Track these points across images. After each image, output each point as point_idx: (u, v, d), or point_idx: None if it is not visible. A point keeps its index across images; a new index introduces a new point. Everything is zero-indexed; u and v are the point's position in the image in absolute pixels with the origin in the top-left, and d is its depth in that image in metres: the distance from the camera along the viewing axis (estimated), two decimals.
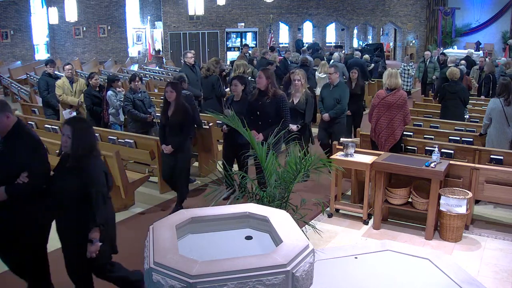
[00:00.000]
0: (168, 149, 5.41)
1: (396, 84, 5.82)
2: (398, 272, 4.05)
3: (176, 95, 5.35)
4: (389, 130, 5.84)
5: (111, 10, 21.37)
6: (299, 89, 6.30)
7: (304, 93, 6.29)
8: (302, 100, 6.27)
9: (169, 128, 5.42)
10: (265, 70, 5.48)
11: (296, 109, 6.23)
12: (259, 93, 5.40)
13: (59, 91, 7.72)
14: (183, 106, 5.43)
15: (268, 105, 5.29)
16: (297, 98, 6.32)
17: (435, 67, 12.32)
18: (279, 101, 5.30)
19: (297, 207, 3.86)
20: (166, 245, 2.64)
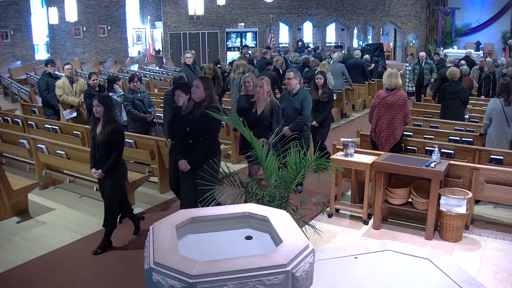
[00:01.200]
0: (99, 173, 4.61)
1: (396, 84, 5.82)
2: (398, 272, 4.05)
3: (104, 110, 4.55)
4: (389, 130, 5.84)
5: (111, 10, 21.38)
6: (261, 97, 5.46)
7: (269, 102, 5.43)
8: (267, 110, 5.40)
9: (98, 149, 4.63)
10: (205, 79, 4.65)
11: (261, 121, 5.45)
12: (194, 105, 4.58)
13: (59, 91, 7.72)
14: (113, 123, 4.57)
15: (199, 120, 4.47)
16: (261, 108, 5.47)
17: (432, 69, 11.63)
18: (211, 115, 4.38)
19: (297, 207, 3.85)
20: (166, 245, 2.64)
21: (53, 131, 7.53)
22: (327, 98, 6.94)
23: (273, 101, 5.47)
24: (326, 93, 6.97)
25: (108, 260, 4.59)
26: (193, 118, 4.51)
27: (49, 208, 5.86)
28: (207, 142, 4.51)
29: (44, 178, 6.49)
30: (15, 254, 4.66)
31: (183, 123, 4.58)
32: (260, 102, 5.50)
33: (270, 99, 5.47)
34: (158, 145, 6.21)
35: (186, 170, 4.50)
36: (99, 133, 4.55)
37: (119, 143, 4.64)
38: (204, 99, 4.49)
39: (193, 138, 4.53)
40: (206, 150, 4.48)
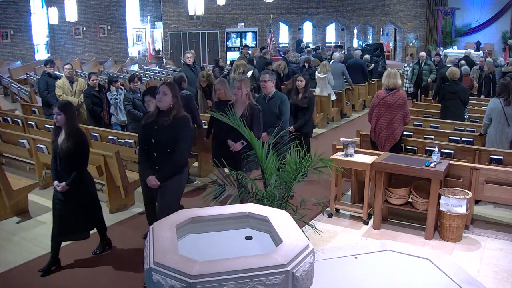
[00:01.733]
0: (62, 186, 4.20)
1: (395, 84, 5.82)
2: (398, 272, 4.05)
3: (66, 119, 4.18)
4: (389, 130, 5.84)
5: (111, 10, 21.38)
6: (239, 99, 5.14)
7: (248, 105, 5.10)
8: (246, 114, 5.05)
9: (61, 160, 4.25)
10: (172, 85, 4.20)
11: None
12: (159, 113, 4.11)
13: (59, 91, 7.72)
14: (76, 133, 4.25)
15: (167, 130, 4.02)
16: (240, 111, 5.07)
17: (431, 70, 11.45)
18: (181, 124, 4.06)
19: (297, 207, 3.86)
20: (166, 245, 2.64)
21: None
22: (307, 103, 6.45)
23: (252, 104, 5.13)
24: (307, 98, 6.47)
25: (108, 260, 4.59)
26: (159, 128, 4.03)
27: (49, 208, 5.84)
28: (177, 154, 4.03)
29: (44, 178, 6.49)
30: (15, 254, 4.66)
31: (146, 134, 4.12)
32: (238, 105, 5.13)
33: (249, 102, 5.12)
34: None
35: (156, 186, 4.05)
36: (61, 143, 4.16)
37: (84, 154, 4.28)
38: (172, 107, 4.05)
39: (159, 151, 4.04)
40: (175, 162, 4.05)
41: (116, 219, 5.55)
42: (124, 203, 5.83)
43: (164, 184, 4.05)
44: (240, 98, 5.13)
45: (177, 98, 4.12)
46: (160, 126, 4.04)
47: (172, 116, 4.03)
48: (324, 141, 8.73)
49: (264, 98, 5.76)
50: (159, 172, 4.02)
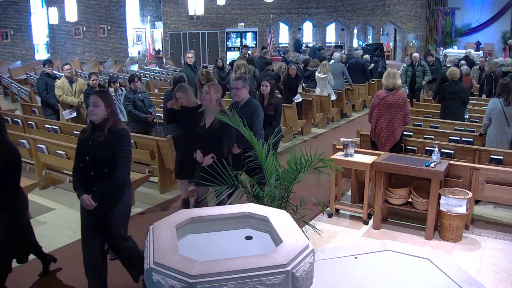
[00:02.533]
0: None
1: (394, 84, 5.81)
2: (398, 272, 4.05)
3: None
4: (389, 130, 5.84)
5: (111, 10, 21.37)
6: (208, 106, 4.67)
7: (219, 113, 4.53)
8: (216, 123, 4.55)
9: None
10: (104, 94, 3.66)
11: (211, 136, 4.64)
12: (93, 127, 3.62)
13: (58, 91, 7.72)
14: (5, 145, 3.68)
15: (102, 146, 3.52)
16: (210, 119, 4.66)
17: (425, 71, 10.91)
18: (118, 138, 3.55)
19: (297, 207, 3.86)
20: (166, 245, 2.64)
21: (53, 131, 7.52)
22: (273, 111, 5.81)
23: (224, 113, 4.54)
24: (273, 105, 5.86)
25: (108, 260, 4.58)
26: (94, 144, 3.53)
27: (49, 208, 5.86)
28: (115, 173, 3.52)
29: (44, 178, 6.49)
30: None
31: (80, 151, 3.63)
32: (208, 112, 4.65)
33: (220, 110, 4.61)
34: (158, 145, 6.22)
35: (91, 207, 3.54)
36: None
37: (14, 168, 3.68)
38: (107, 119, 3.54)
39: (95, 170, 3.55)
40: (114, 182, 3.53)
41: None
42: None
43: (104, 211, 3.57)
44: (209, 104, 4.65)
45: (112, 108, 3.59)
46: (94, 141, 3.54)
47: (108, 129, 3.53)
48: (324, 141, 8.73)
49: (237, 106, 5.23)
50: (94, 192, 3.53)
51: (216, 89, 4.71)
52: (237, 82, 5.23)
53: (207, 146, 4.56)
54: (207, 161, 4.56)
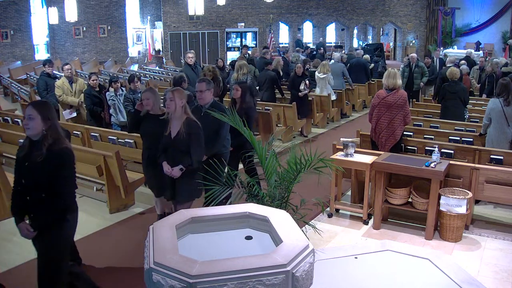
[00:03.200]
0: None
1: (395, 84, 5.81)
2: (398, 272, 4.05)
3: None
4: (389, 130, 5.84)
5: (111, 10, 21.38)
6: (172, 113, 4.23)
7: (186, 121, 4.20)
8: (182, 132, 4.15)
9: None
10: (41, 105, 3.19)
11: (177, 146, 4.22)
12: (30, 144, 3.17)
13: (59, 91, 7.73)
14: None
15: (38, 168, 3.06)
16: (176, 128, 4.23)
17: (423, 72, 10.69)
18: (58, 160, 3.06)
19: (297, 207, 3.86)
20: (166, 245, 2.64)
21: None
22: (244, 115, 5.23)
23: (191, 121, 4.20)
24: (244, 109, 5.47)
25: (108, 260, 4.59)
26: (31, 166, 3.08)
27: None
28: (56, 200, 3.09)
29: None
30: (15, 254, 4.66)
31: (16, 172, 3.24)
32: (173, 121, 4.25)
33: (186, 117, 4.21)
34: None
35: (31, 236, 3.18)
36: None
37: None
38: (45, 135, 3.08)
39: (32, 195, 3.12)
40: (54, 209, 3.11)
41: (116, 219, 5.55)
42: (124, 203, 5.84)
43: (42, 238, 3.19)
44: (174, 112, 4.21)
45: (51, 122, 3.10)
46: (31, 162, 3.07)
47: (46, 148, 3.03)
48: (324, 141, 8.73)
49: (200, 110, 4.80)
50: (33, 220, 3.16)
51: (181, 95, 4.27)
52: (200, 84, 4.80)
53: (174, 157, 4.19)
54: (175, 173, 4.18)
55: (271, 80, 9.25)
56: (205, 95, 4.82)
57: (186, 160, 4.18)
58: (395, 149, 5.89)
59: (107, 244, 4.96)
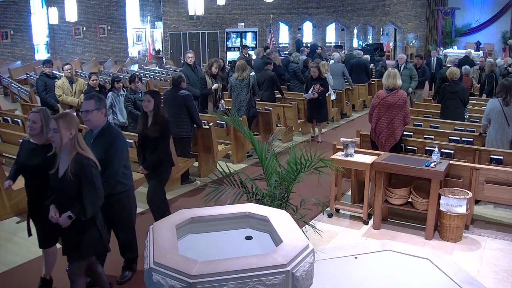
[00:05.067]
0: None
1: (395, 84, 5.81)
2: (398, 272, 4.05)
3: None
4: (389, 131, 5.84)
5: (111, 10, 21.38)
6: (58, 146, 3.32)
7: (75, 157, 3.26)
8: (69, 172, 3.24)
9: None
10: None
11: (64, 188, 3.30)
12: None
13: (58, 91, 7.73)
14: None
15: None
16: (63, 166, 3.32)
17: (412, 75, 9.92)
18: None
19: (297, 207, 3.86)
20: (166, 245, 2.64)
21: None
22: (158, 131, 4.72)
23: (81, 157, 3.28)
24: (158, 125, 4.74)
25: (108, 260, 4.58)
26: None
27: None
28: None
29: None
30: (15, 254, 4.66)
31: None
32: (62, 155, 3.33)
33: (76, 153, 3.29)
34: None
35: None
36: None
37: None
38: None
39: None
40: None
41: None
42: None
43: None
44: (61, 146, 3.30)
45: None
46: None
47: None
48: (324, 141, 8.73)
49: (91, 135, 3.85)
50: None
51: (69, 123, 3.29)
52: (87, 103, 3.73)
53: (62, 202, 3.33)
54: (62, 222, 3.31)
55: (270, 80, 9.25)
56: (92, 116, 3.71)
57: (76, 208, 3.28)
58: (395, 149, 5.89)
59: None
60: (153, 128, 4.75)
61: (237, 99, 7.81)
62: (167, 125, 4.88)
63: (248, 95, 7.74)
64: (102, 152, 3.61)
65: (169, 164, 5.04)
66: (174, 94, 6.45)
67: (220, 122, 7.41)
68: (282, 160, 4.08)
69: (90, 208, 3.31)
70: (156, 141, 4.75)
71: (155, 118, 4.77)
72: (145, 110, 4.84)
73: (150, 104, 4.78)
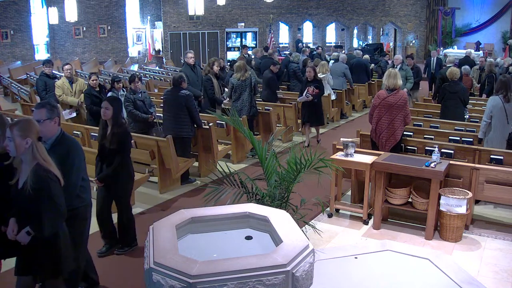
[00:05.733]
0: None
1: (395, 84, 5.81)
2: (398, 272, 4.05)
3: None
4: (390, 131, 5.84)
5: (111, 10, 21.37)
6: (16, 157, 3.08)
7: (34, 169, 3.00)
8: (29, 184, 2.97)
9: None
10: None
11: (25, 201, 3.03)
12: None
13: (59, 91, 7.73)
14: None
15: None
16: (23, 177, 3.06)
17: (407, 76, 9.69)
18: None
19: (297, 207, 3.86)
20: (166, 245, 2.64)
21: None
22: (116, 143, 4.38)
23: (39, 169, 2.99)
24: (116, 135, 4.39)
25: (108, 260, 4.59)
26: None
27: None
28: None
29: None
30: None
31: None
32: (24, 165, 3.06)
33: (36, 163, 3.01)
34: (158, 145, 6.21)
35: None
36: None
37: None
38: None
39: None
40: None
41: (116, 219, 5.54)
42: None
43: None
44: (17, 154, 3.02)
45: None
46: None
47: None
48: (324, 141, 8.73)
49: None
50: None
51: (25, 131, 2.98)
52: (39, 112, 3.43)
53: (21, 215, 3.08)
54: (22, 238, 3.06)
55: (266, 80, 9.28)
56: (45, 127, 3.38)
57: (35, 224, 3.01)
58: (395, 149, 5.89)
59: None
60: (111, 138, 4.38)
61: (239, 99, 7.79)
62: (126, 136, 4.51)
63: (250, 95, 7.74)
64: (57, 164, 3.17)
65: (127, 178, 4.60)
66: (175, 94, 6.45)
67: (220, 122, 7.41)
68: (282, 160, 4.08)
69: (48, 225, 3.00)
70: (113, 152, 4.39)
71: (113, 128, 4.39)
72: (103, 119, 4.46)
73: (108, 112, 4.38)
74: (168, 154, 6.13)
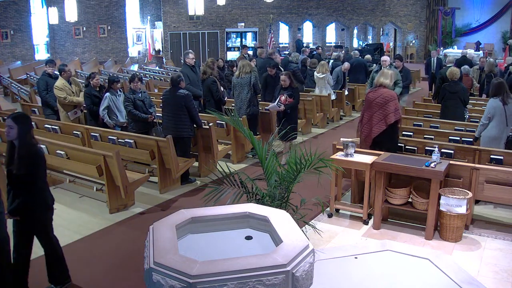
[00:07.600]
0: None
1: (381, 82, 5.73)
2: (398, 272, 4.05)
3: None
4: (368, 127, 5.76)
5: (111, 10, 21.38)
6: None
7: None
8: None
9: None
10: None
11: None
12: None
13: (62, 93, 7.68)
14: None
15: None
16: None
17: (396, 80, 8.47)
18: None
19: (297, 207, 3.86)
20: (166, 245, 2.64)
21: (53, 131, 7.52)
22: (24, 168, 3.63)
23: None
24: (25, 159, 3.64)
25: (108, 260, 4.59)
26: None
27: None
28: None
29: None
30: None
31: None
32: None
33: None
34: (158, 145, 6.21)
35: None
36: None
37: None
38: None
39: None
40: None
41: (116, 219, 5.55)
42: (124, 203, 5.83)
43: None
44: None
45: None
46: None
47: None
48: (324, 141, 8.73)
49: None
50: None
51: None
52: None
53: None
54: None
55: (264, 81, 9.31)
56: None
57: None
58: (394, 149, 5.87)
59: (107, 244, 4.96)
60: (17, 163, 3.60)
61: (238, 97, 7.82)
62: (37, 158, 3.72)
63: (249, 94, 7.74)
64: None
65: (43, 208, 3.85)
66: (174, 94, 6.45)
67: (220, 122, 7.41)
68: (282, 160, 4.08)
69: None
70: (22, 180, 3.64)
71: (20, 150, 3.63)
72: (7, 139, 3.71)
73: (12, 131, 3.62)
74: (168, 154, 6.13)
